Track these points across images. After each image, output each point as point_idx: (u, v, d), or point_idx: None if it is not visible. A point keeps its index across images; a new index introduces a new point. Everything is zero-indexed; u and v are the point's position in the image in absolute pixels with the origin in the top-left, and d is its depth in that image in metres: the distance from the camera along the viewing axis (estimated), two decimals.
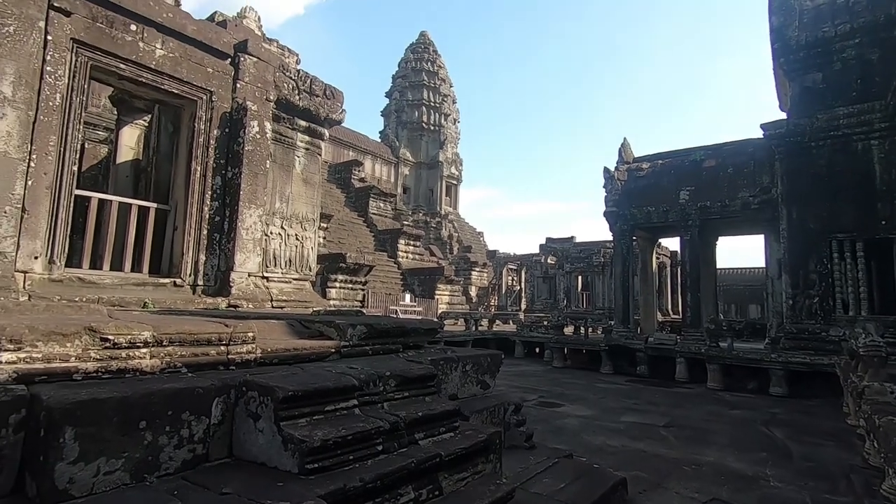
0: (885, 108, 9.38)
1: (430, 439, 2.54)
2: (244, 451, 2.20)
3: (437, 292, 21.76)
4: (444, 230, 33.06)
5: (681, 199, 13.02)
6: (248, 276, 5.60)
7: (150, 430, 1.93)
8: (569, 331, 15.33)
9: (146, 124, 6.55)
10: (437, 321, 7.52)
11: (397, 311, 16.34)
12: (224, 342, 2.58)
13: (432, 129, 35.72)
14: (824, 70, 10.65)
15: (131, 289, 4.78)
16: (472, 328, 15.92)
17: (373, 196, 25.58)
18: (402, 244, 23.85)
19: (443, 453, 2.40)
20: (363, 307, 15.73)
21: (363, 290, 16.51)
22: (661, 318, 18.39)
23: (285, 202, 6.49)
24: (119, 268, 4.99)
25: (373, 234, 23.91)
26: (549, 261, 29.82)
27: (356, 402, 2.43)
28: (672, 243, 19.64)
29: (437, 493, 2.33)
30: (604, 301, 24.97)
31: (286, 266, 6.42)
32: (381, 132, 36.97)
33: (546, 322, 16.49)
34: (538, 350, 15.50)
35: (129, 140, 6.59)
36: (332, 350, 3.16)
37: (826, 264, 9.97)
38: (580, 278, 28.17)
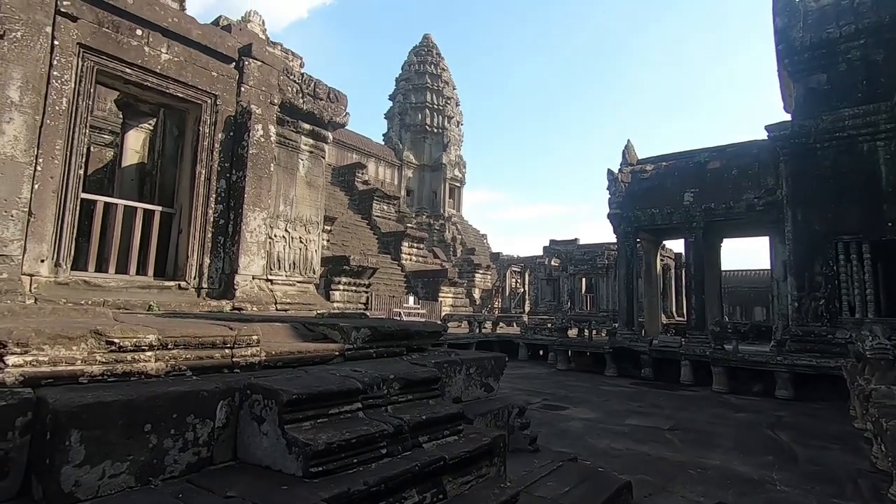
0: (891, 109, 9.33)
1: (434, 443, 2.53)
2: (248, 455, 2.20)
3: (440, 295, 21.76)
4: (448, 232, 33.07)
5: (685, 201, 12.98)
6: (253, 278, 5.62)
7: (154, 433, 1.94)
8: (572, 333, 15.30)
9: (151, 128, 6.59)
10: (441, 324, 7.52)
11: (401, 314, 16.34)
12: (228, 345, 2.58)
13: (435, 131, 35.77)
14: (829, 71, 10.60)
15: (136, 292, 4.80)
16: (476, 330, 15.91)
17: (376, 199, 25.63)
18: (405, 246, 23.87)
19: (447, 457, 2.40)
20: (367, 309, 15.74)
21: (367, 292, 16.52)
22: (665, 320, 18.32)
23: (289, 205, 6.51)
24: (124, 271, 5.01)
25: (376, 237, 23.94)
26: (552, 263, 29.78)
27: (360, 406, 2.43)
28: (676, 245, 19.57)
29: (442, 496, 2.32)
30: (608, 303, 24.90)
31: (290, 269, 6.44)
32: (384, 135, 37.05)
33: (550, 324, 16.45)
34: (542, 352, 15.47)
35: (135, 144, 6.64)
36: (336, 353, 3.17)
37: (832, 266, 9.90)
38: (584, 280, 28.10)
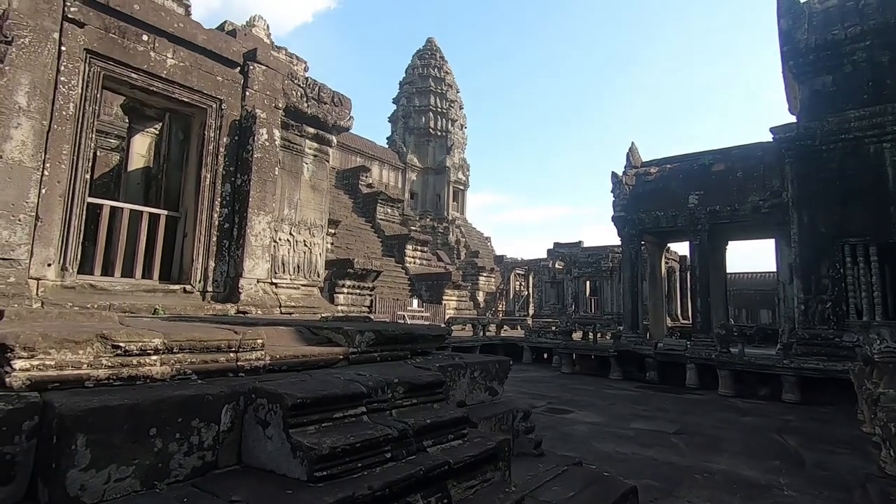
0: None
1: (439, 447, 2.52)
2: (253, 459, 2.20)
3: (444, 298, 21.75)
4: (452, 235, 33.08)
5: (690, 204, 12.93)
6: (257, 282, 5.63)
7: (160, 437, 1.94)
8: (577, 336, 15.24)
9: (157, 132, 6.64)
10: (445, 327, 7.51)
11: (405, 317, 16.35)
12: (233, 349, 2.59)
13: (439, 134, 35.84)
14: (834, 73, 10.56)
15: (142, 295, 4.82)
16: (480, 333, 15.88)
17: (380, 202, 25.69)
18: (409, 250, 23.90)
19: (451, 461, 2.39)
20: (371, 313, 15.76)
21: (371, 295, 16.54)
22: (670, 323, 18.23)
23: (294, 208, 6.53)
24: (130, 274, 5.04)
25: (380, 240, 23.98)
26: (556, 266, 29.72)
27: (364, 410, 2.43)
28: (681, 248, 19.50)
29: (446, 501, 2.31)
30: (612, 306, 24.82)
31: (294, 272, 6.45)
32: (388, 138, 37.16)
33: (554, 327, 16.41)
34: (546, 355, 15.43)
35: (141, 148, 6.68)
36: (341, 357, 3.17)
37: (839, 269, 9.84)
38: (588, 283, 28.03)
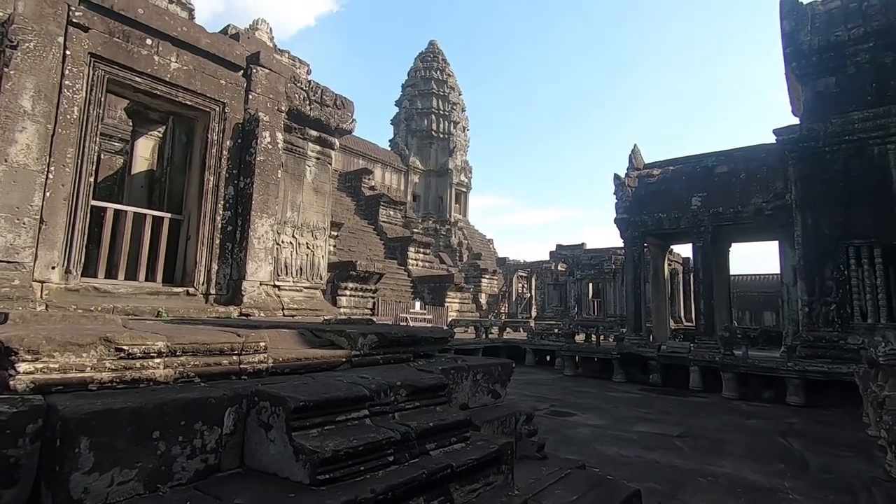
0: None
1: (442, 450, 2.52)
2: (256, 462, 2.21)
3: (447, 300, 21.74)
4: (454, 237, 33.08)
5: (692, 206, 12.91)
6: (260, 284, 5.64)
7: (163, 440, 1.94)
8: (580, 339, 15.21)
9: (161, 135, 6.66)
10: (448, 329, 7.51)
11: (407, 319, 16.35)
12: (236, 352, 2.59)
13: (441, 136, 35.88)
14: (837, 74, 10.53)
15: (145, 298, 4.84)
16: (483, 336, 15.87)
17: (383, 204, 25.72)
18: (412, 252, 23.90)
19: (454, 464, 2.38)
20: (373, 315, 15.76)
21: (373, 297, 16.55)
22: (673, 325, 18.17)
23: (296, 211, 6.54)
24: (133, 277, 5.06)
25: (383, 242, 24.00)
26: (559, 268, 29.68)
27: (367, 413, 2.43)
28: (684, 250, 19.46)
29: None
30: (615, 308, 24.75)
31: (297, 274, 6.46)
32: (390, 140, 37.23)
33: (557, 330, 16.38)
34: (549, 358, 15.39)
35: (144, 151, 6.71)
36: (343, 359, 3.17)
37: (843, 271, 9.79)
38: (591, 285, 27.97)
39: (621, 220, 14.33)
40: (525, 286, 32.04)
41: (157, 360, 2.27)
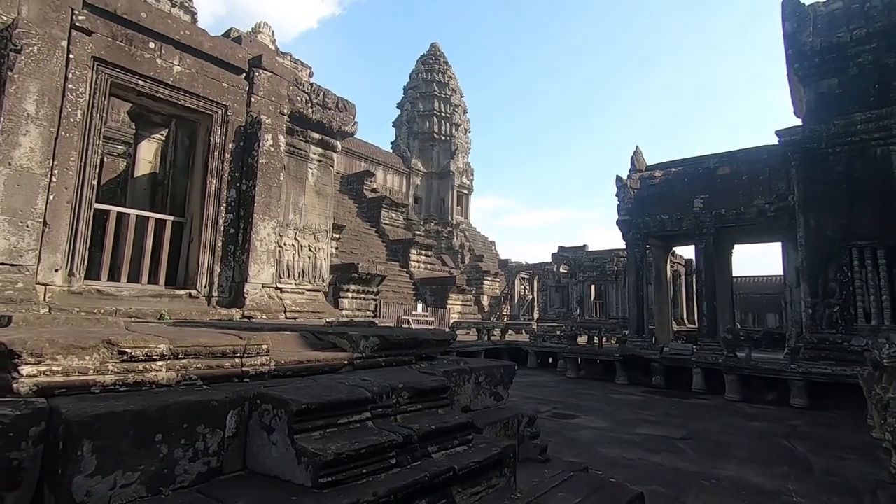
0: None
1: (444, 452, 2.51)
2: (258, 464, 2.20)
3: (448, 302, 21.72)
4: (456, 239, 33.08)
5: (695, 207, 12.88)
6: (262, 287, 5.65)
7: (165, 443, 1.94)
8: (582, 341, 15.18)
9: (163, 138, 6.69)
10: (450, 332, 7.50)
11: (409, 321, 16.33)
12: (238, 354, 2.59)
13: (443, 139, 35.92)
14: (840, 75, 10.51)
15: (148, 300, 4.85)
16: (485, 338, 15.84)
17: (384, 206, 25.73)
18: (413, 254, 23.90)
19: (456, 467, 2.38)
20: (375, 317, 15.77)
21: (375, 300, 16.55)
22: (676, 327, 18.12)
23: (298, 214, 6.55)
24: (136, 280, 5.07)
25: (385, 244, 24.00)
26: (561, 270, 29.65)
27: (369, 415, 2.43)
28: (686, 251, 19.40)
29: None
30: (617, 310, 24.70)
31: (299, 277, 6.47)
32: (392, 143, 37.29)
33: (559, 332, 16.35)
34: (551, 360, 15.36)
35: (147, 154, 6.73)
36: (345, 362, 3.16)
37: (846, 272, 9.76)
38: (593, 287, 27.92)
39: (623, 221, 14.31)
40: (527, 288, 32.01)
41: (160, 363, 2.27)
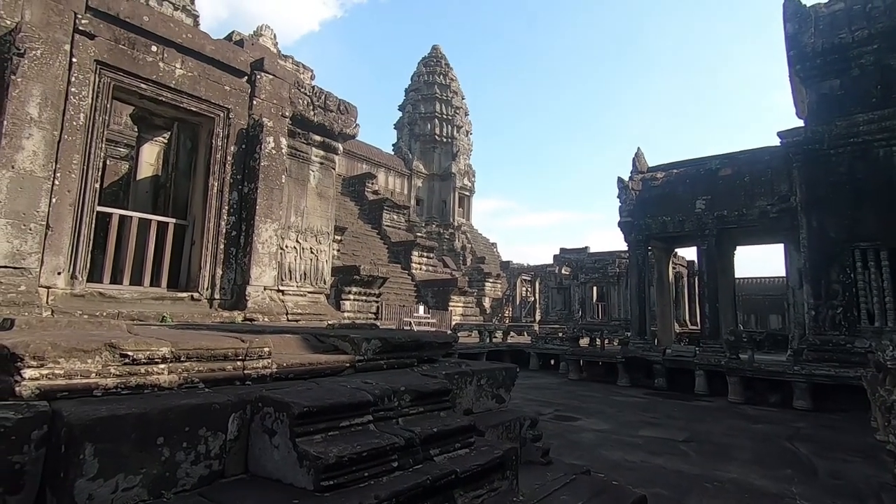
0: None
1: (446, 455, 2.51)
2: (259, 467, 2.20)
3: (450, 304, 21.72)
4: (458, 241, 33.09)
5: (697, 209, 12.86)
6: (264, 289, 5.65)
7: (167, 446, 1.94)
8: (584, 342, 15.14)
9: (166, 141, 6.71)
10: (451, 334, 7.49)
11: (411, 323, 16.33)
12: (240, 357, 2.59)
13: (445, 141, 35.95)
14: (842, 76, 10.49)
15: (150, 303, 4.85)
16: (487, 340, 15.82)
17: (386, 208, 25.76)
18: (415, 256, 23.91)
19: (458, 470, 2.37)
20: (377, 319, 15.76)
21: (377, 302, 16.55)
22: (678, 329, 18.08)
23: (300, 216, 6.56)
24: (139, 282, 5.08)
25: (386, 246, 24.02)
26: (563, 271, 29.62)
27: (371, 418, 2.42)
28: (688, 253, 19.36)
29: None
30: (620, 312, 24.66)
31: (301, 279, 6.47)
32: (394, 145, 37.33)
33: (561, 334, 16.33)
34: (553, 362, 15.34)
35: (149, 157, 6.75)
36: (347, 364, 3.16)
37: (849, 274, 9.73)
38: (595, 289, 27.89)
39: (625, 223, 14.29)
40: (529, 290, 31.99)
41: (162, 366, 2.27)
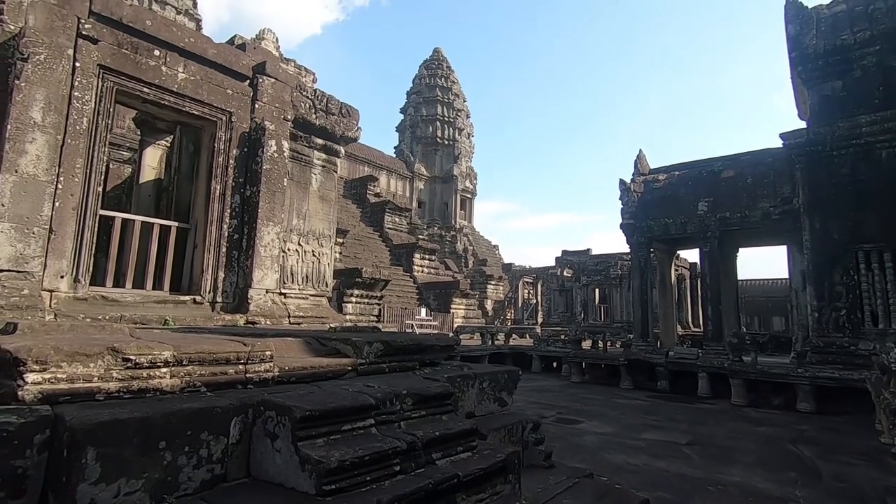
0: None
1: (448, 459, 2.50)
2: (261, 472, 2.20)
3: (452, 306, 21.70)
4: (459, 244, 33.09)
5: (699, 211, 12.85)
6: (266, 292, 5.66)
7: (169, 451, 1.94)
8: (586, 345, 15.12)
9: (168, 145, 6.73)
10: (454, 337, 7.48)
11: (413, 326, 16.32)
12: (242, 361, 2.59)
13: (446, 143, 35.99)
14: (844, 78, 10.47)
15: (152, 306, 4.86)
16: (489, 342, 15.80)
17: (388, 211, 25.78)
18: (417, 258, 23.91)
19: (461, 474, 2.37)
20: (379, 322, 15.75)
21: (379, 304, 16.54)
22: (681, 331, 18.03)
23: (302, 219, 6.57)
24: (141, 286, 5.09)
25: (388, 249, 24.02)
26: (565, 274, 29.58)
27: (373, 422, 2.42)
28: (691, 255, 19.32)
29: None
30: (622, 314, 24.61)
31: (303, 282, 6.48)
32: (395, 147, 37.38)
33: (563, 336, 16.29)
34: (555, 364, 15.30)
35: (152, 160, 6.77)
36: (349, 368, 3.16)
37: (853, 275, 9.69)
38: (597, 291, 27.83)
39: (627, 225, 14.28)
40: (531, 292, 31.94)
41: (164, 370, 2.28)
